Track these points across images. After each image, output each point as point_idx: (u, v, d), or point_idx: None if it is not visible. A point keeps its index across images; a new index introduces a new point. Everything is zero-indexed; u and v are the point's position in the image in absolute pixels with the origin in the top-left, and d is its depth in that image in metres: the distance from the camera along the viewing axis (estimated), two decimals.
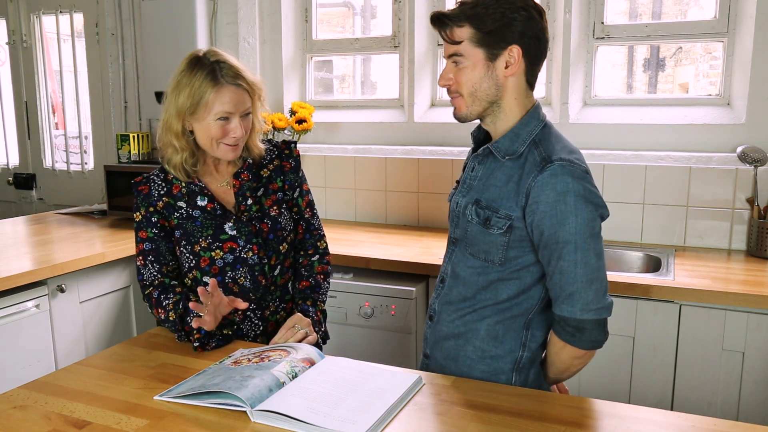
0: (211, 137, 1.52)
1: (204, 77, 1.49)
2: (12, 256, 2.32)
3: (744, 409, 1.94)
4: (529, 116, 1.36)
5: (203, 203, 1.59)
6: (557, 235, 1.26)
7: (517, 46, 1.30)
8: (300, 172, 1.72)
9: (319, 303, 1.68)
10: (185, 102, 1.50)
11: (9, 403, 1.22)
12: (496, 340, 1.37)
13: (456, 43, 1.32)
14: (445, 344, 1.44)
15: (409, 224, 2.96)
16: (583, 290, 1.26)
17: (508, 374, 1.37)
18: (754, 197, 2.35)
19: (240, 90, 1.51)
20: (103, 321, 2.49)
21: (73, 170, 3.82)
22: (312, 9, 3.17)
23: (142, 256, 1.59)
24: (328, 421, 1.09)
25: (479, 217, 1.35)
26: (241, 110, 1.52)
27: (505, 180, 1.34)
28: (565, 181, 1.25)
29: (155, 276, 1.59)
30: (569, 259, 1.26)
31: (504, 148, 1.35)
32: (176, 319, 1.51)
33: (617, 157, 2.53)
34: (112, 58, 3.50)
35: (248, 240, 1.58)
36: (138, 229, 1.59)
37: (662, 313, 1.99)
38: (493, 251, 1.34)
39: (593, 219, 1.27)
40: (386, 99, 3.11)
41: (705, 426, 1.11)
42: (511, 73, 1.32)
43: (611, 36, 2.63)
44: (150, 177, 1.62)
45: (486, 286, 1.37)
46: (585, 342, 1.29)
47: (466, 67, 1.33)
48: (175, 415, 1.17)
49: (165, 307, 1.53)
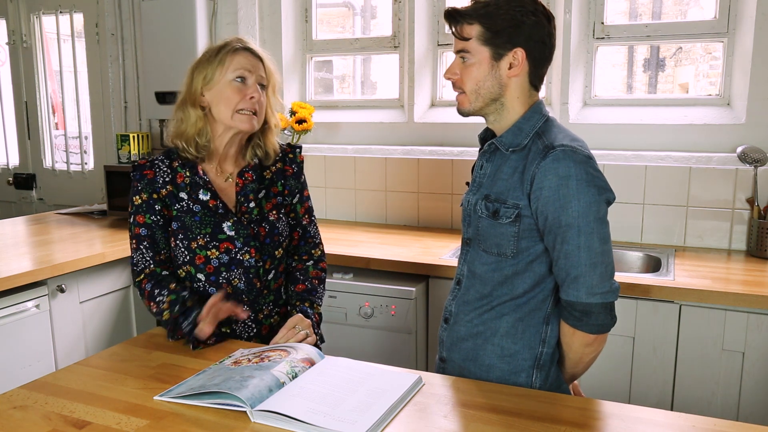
0: (228, 104, 1.52)
1: (219, 48, 1.54)
2: (12, 256, 2.32)
3: (744, 409, 1.94)
4: (532, 111, 1.39)
5: (205, 198, 1.57)
6: (560, 219, 1.28)
7: (522, 49, 1.33)
8: (302, 178, 1.72)
9: (316, 306, 1.68)
10: (201, 74, 1.54)
11: (9, 403, 1.22)
12: (515, 337, 1.38)
13: (465, 39, 1.36)
14: (464, 345, 1.44)
15: (409, 224, 2.96)
16: (587, 274, 1.27)
17: (528, 371, 1.38)
18: (754, 197, 2.35)
19: (255, 58, 1.56)
20: (103, 321, 2.49)
21: (73, 170, 3.82)
22: (312, 9, 3.17)
23: (136, 240, 1.57)
24: (328, 421, 1.09)
25: (488, 210, 1.37)
26: (256, 74, 1.55)
27: (510, 172, 1.36)
28: (567, 165, 1.27)
29: (147, 263, 1.57)
30: (573, 243, 1.27)
31: (508, 142, 1.38)
32: (170, 319, 1.51)
33: (617, 157, 2.53)
34: (112, 59, 3.50)
35: (246, 243, 1.58)
36: (136, 212, 1.57)
37: (662, 313, 1.98)
38: (504, 243, 1.36)
39: (596, 203, 1.28)
40: (386, 99, 3.11)
41: (705, 426, 1.11)
42: (514, 74, 1.35)
43: (611, 36, 2.63)
44: (155, 162, 1.59)
45: (502, 282, 1.38)
46: (592, 326, 1.30)
47: (473, 64, 1.36)
48: (175, 415, 1.17)
49: (159, 303, 1.53)
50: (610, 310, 1.31)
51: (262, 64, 1.57)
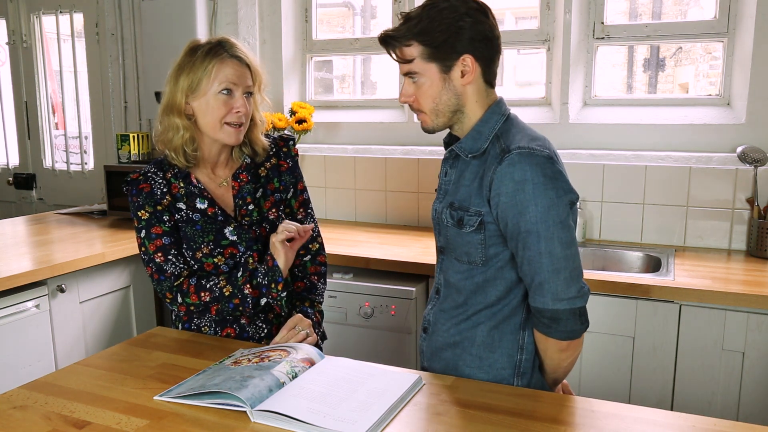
0: (213, 116, 1.49)
1: (205, 53, 1.48)
2: (12, 256, 2.32)
3: (744, 409, 1.94)
4: (490, 112, 1.36)
5: (203, 206, 1.56)
6: (519, 225, 1.25)
7: (468, 54, 1.30)
8: (297, 171, 1.69)
9: (316, 304, 1.67)
10: (186, 80, 1.48)
11: (9, 403, 1.22)
12: (492, 346, 1.36)
13: (408, 61, 1.33)
14: (443, 355, 1.42)
15: (409, 224, 2.96)
16: (551, 280, 1.24)
17: (508, 380, 1.36)
18: (754, 197, 2.35)
19: (243, 66, 1.51)
20: (103, 321, 2.49)
21: (73, 170, 3.82)
22: (312, 9, 3.17)
23: (161, 252, 1.52)
24: (328, 421, 1.09)
25: (453, 219, 1.35)
26: (243, 85, 1.50)
27: (472, 178, 1.34)
28: (522, 169, 1.24)
29: (182, 268, 1.54)
30: (534, 249, 1.25)
31: (468, 148, 1.35)
32: (236, 291, 1.49)
33: (617, 157, 2.53)
34: (112, 58, 3.50)
35: (248, 246, 1.57)
36: (148, 226, 1.53)
37: (662, 313, 1.98)
38: (473, 252, 1.34)
39: (555, 206, 1.24)
40: (386, 99, 3.11)
41: (705, 426, 1.11)
42: (468, 81, 1.32)
43: (611, 36, 2.63)
44: (147, 174, 1.56)
45: (475, 290, 1.36)
46: (562, 332, 1.27)
47: (424, 84, 1.33)
48: (175, 415, 1.17)
49: (212, 287, 1.51)
50: (580, 315, 1.27)
51: (250, 70, 1.53)
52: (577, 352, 1.34)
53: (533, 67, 2.79)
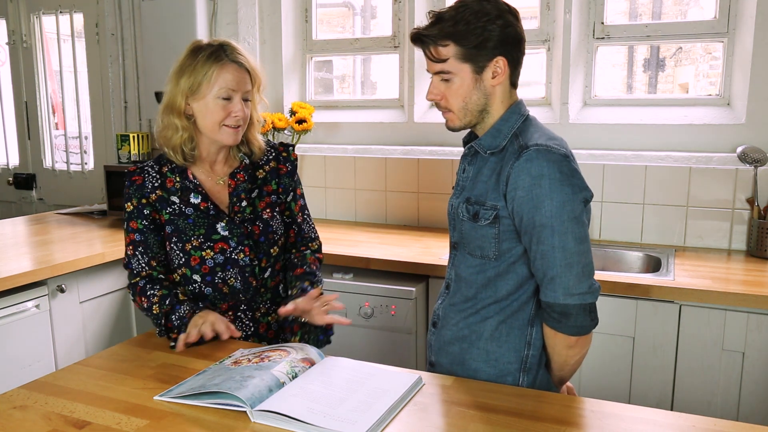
0: (212, 119, 1.53)
1: (207, 57, 1.52)
2: (12, 256, 2.32)
3: (744, 409, 1.94)
4: (510, 112, 1.38)
5: (196, 201, 1.59)
6: (534, 219, 1.27)
7: (502, 57, 1.33)
8: (295, 176, 1.72)
9: (316, 286, 1.67)
10: (187, 82, 1.52)
11: (9, 403, 1.22)
12: (499, 340, 1.37)
13: (442, 60, 1.35)
14: (450, 349, 1.43)
15: (409, 224, 2.96)
16: (563, 274, 1.26)
17: (514, 375, 1.37)
18: (754, 197, 2.35)
19: (242, 70, 1.54)
20: (103, 321, 2.49)
21: (73, 170, 3.82)
22: (312, 9, 3.17)
23: (132, 246, 1.60)
24: (328, 421, 1.09)
25: (469, 213, 1.38)
26: (242, 90, 1.55)
27: (489, 174, 1.36)
28: (539, 165, 1.27)
29: (143, 267, 1.60)
30: (548, 243, 1.26)
31: (487, 144, 1.38)
32: (160, 313, 1.53)
33: (617, 157, 2.53)
34: (112, 58, 3.50)
35: (240, 242, 1.58)
36: (129, 219, 1.60)
37: (662, 314, 1.98)
38: (486, 246, 1.36)
39: (570, 202, 1.26)
40: (386, 99, 3.11)
41: (705, 426, 1.11)
42: (498, 82, 1.36)
43: (611, 36, 2.63)
44: (144, 168, 1.62)
45: (485, 284, 1.38)
46: (571, 328, 1.29)
47: (455, 83, 1.35)
48: (175, 415, 1.17)
49: (149, 298, 1.55)
50: (590, 312, 1.29)
51: (249, 74, 1.56)
52: (585, 349, 1.35)
53: (533, 67, 2.79)
